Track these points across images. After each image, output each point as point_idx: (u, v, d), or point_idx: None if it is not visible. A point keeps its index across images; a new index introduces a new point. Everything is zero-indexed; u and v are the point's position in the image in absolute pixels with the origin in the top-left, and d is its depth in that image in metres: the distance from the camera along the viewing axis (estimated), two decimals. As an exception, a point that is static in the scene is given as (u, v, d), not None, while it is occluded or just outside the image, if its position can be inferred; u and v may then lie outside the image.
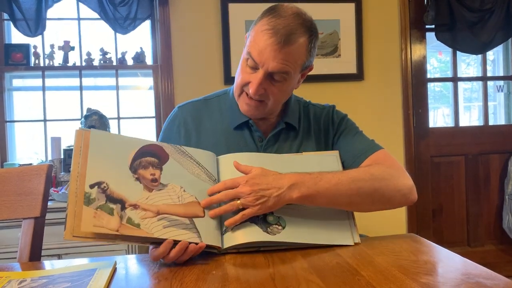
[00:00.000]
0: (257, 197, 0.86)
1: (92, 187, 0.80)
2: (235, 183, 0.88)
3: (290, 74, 1.02)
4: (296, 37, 0.98)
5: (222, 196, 0.88)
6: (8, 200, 1.03)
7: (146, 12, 2.58)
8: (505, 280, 0.68)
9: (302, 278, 0.72)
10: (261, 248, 0.88)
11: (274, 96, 1.05)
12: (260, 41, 0.99)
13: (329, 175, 0.93)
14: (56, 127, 2.65)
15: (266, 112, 1.09)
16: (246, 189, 0.86)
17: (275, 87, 1.03)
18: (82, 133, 0.85)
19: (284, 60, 0.99)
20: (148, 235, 0.80)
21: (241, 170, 0.92)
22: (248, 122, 1.12)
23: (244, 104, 1.08)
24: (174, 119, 1.18)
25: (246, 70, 1.04)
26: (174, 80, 2.61)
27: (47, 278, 0.74)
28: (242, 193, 0.87)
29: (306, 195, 0.89)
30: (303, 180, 0.90)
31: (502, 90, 3.11)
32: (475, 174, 2.94)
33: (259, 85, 1.01)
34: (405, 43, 2.80)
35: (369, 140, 1.13)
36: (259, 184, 0.87)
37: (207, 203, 0.88)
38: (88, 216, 0.77)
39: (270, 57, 0.98)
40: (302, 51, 1.01)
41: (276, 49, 0.97)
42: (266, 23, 0.99)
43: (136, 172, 0.86)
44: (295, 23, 0.99)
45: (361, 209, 0.97)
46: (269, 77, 1.01)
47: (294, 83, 1.08)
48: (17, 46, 2.57)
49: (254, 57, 1.00)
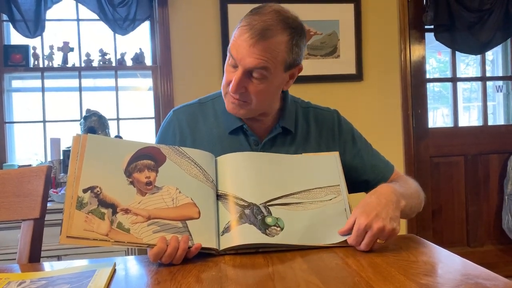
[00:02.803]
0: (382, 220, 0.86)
1: (85, 192, 0.81)
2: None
3: (270, 71, 1.00)
4: (272, 33, 0.97)
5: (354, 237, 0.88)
6: (7, 202, 1.02)
7: (145, 13, 2.58)
8: (505, 280, 0.68)
9: (301, 279, 0.72)
10: (260, 249, 0.88)
11: (256, 96, 1.03)
12: (237, 38, 0.99)
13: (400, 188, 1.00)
14: (55, 128, 2.65)
15: (252, 112, 1.07)
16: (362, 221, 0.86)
17: (256, 85, 1.01)
18: (79, 138, 0.85)
19: (260, 56, 0.97)
20: (137, 240, 0.80)
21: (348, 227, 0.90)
22: (243, 126, 1.11)
23: (229, 103, 1.07)
24: (169, 124, 1.18)
25: (229, 70, 1.04)
26: (173, 81, 2.61)
27: (47, 280, 0.74)
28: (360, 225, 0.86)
29: (406, 203, 0.96)
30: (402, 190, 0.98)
31: (501, 90, 3.12)
32: (474, 174, 2.94)
33: (238, 83, 1.00)
34: (404, 43, 2.80)
35: (381, 156, 1.23)
36: (370, 212, 0.88)
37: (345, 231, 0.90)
38: (79, 220, 0.78)
39: (246, 52, 0.98)
40: (282, 47, 1.00)
41: (251, 44, 0.97)
42: (244, 20, 1.00)
43: (130, 176, 0.86)
44: (272, 19, 0.99)
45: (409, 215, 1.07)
46: (248, 74, 1.00)
47: (277, 82, 1.06)
48: (16, 47, 2.57)
49: (233, 54, 1.00)
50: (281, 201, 0.93)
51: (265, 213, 0.90)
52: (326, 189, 0.97)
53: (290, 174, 0.98)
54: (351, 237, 0.87)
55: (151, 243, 0.80)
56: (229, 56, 1.03)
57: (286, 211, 0.91)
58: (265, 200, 0.92)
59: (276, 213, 0.90)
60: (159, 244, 0.80)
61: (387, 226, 0.85)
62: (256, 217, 0.89)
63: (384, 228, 0.84)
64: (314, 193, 0.96)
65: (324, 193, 0.96)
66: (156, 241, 0.80)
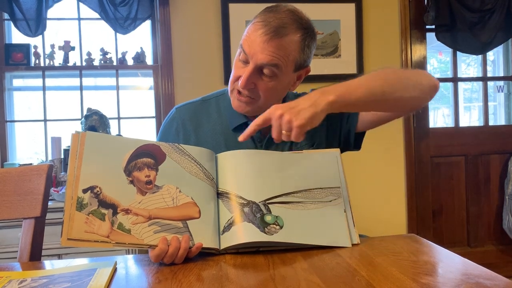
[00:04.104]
0: (291, 112, 0.82)
1: (85, 192, 0.80)
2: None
3: (281, 69, 1.00)
4: (286, 31, 0.98)
5: (253, 125, 0.85)
6: (8, 200, 1.03)
7: (146, 12, 2.58)
8: (505, 280, 0.68)
9: (302, 279, 0.72)
10: (260, 248, 0.88)
11: (265, 93, 1.04)
12: (251, 34, 1.00)
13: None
14: (56, 127, 2.66)
15: (257, 110, 1.07)
16: (276, 111, 0.83)
17: (265, 83, 1.02)
18: (78, 136, 0.84)
19: (273, 52, 0.98)
20: (138, 241, 0.80)
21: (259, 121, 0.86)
22: (247, 123, 1.11)
23: (235, 100, 1.07)
24: (172, 121, 1.17)
25: (238, 65, 1.04)
26: (174, 80, 2.61)
27: (48, 278, 0.74)
28: (272, 114, 0.83)
29: (342, 93, 0.88)
30: (333, 86, 0.89)
31: (502, 91, 3.11)
32: (475, 174, 2.94)
33: (248, 78, 1.00)
34: (405, 43, 2.80)
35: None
36: (289, 104, 0.85)
37: (244, 136, 0.86)
38: (79, 222, 0.77)
39: (259, 49, 0.98)
40: (294, 47, 1.00)
41: (265, 40, 0.97)
42: (259, 17, 1.01)
43: (130, 175, 0.85)
44: (287, 18, 1.00)
45: (398, 99, 0.96)
46: (259, 71, 1.01)
47: (286, 81, 1.06)
48: (17, 46, 2.57)
49: (245, 49, 1.00)
50: (281, 200, 0.93)
51: (264, 211, 0.90)
52: (327, 190, 0.97)
53: (291, 173, 0.97)
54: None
55: (152, 244, 0.80)
56: (240, 51, 1.02)
57: (286, 210, 0.91)
58: (265, 198, 0.92)
59: (276, 211, 0.90)
60: (160, 245, 0.80)
61: (285, 116, 0.83)
62: (255, 215, 0.89)
63: (281, 116, 0.83)
64: (315, 193, 0.96)
65: (325, 194, 0.96)
66: (157, 241, 0.80)
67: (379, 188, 2.79)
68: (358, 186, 2.69)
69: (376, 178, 2.78)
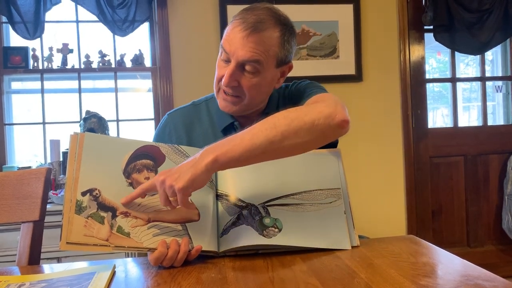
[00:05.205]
0: (172, 177, 0.80)
1: (84, 195, 0.80)
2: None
3: (262, 65, 1.01)
4: (264, 26, 1.00)
5: (138, 190, 0.83)
6: (6, 204, 1.02)
7: (144, 14, 2.58)
8: (504, 281, 0.68)
9: (301, 281, 0.72)
10: (259, 251, 0.88)
11: (249, 91, 1.04)
12: (230, 32, 1.02)
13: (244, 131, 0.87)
14: (55, 130, 2.65)
15: (244, 109, 1.08)
16: (159, 177, 0.81)
17: (249, 79, 1.03)
18: (76, 137, 0.84)
19: (253, 48, 0.99)
20: (137, 244, 0.79)
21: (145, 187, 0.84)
22: (233, 123, 1.13)
23: (221, 100, 1.08)
24: (164, 127, 1.19)
25: (221, 65, 1.05)
26: (173, 82, 2.61)
27: (46, 282, 0.74)
28: (156, 180, 0.81)
29: (223, 151, 0.82)
30: (218, 143, 0.85)
31: (501, 90, 3.12)
32: (474, 174, 2.94)
33: (231, 75, 1.01)
34: (403, 44, 2.80)
35: (320, 88, 1.10)
36: (171, 169, 0.83)
37: (126, 201, 0.83)
38: (78, 225, 0.77)
39: (239, 45, 0.99)
40: (274, 42, 1.02)
41: (244, 36, 0.99)
42: (237, 16, 1.03)
43: (129, 177, 0.85)
44: (264, 14, 1.01)
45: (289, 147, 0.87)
46: (241, 68, 1.02)
47: (270, 77, 1.06)
48: (15, 49, 2.57)
49: (226, 47, 1.02)
50: (281, 202, 0.93)
51: (263, 213, 0.90)
52: (327, 191, 0.96)
53: (290, 174, 0.97)
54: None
55: (152, 247, 0.80)
56: (221, 51, 1.04)
57: (285, 212, 0.91)
58: (264, 200, 0.92)
59: (275, 214, 0.90)
60: (160, 248, 0.80)
61: (167, 181, 0.80)
62: (254, 218, 0.88)
63: (164, 182, 0.80)
64: (314, 194, 0.95)
65: (325, 196, 0.95)
66: (157, 245, 0.80)
67: (379, 188, 2.79)
68: (358, 186, 2.70)
69: (375, 179, 2.78)
